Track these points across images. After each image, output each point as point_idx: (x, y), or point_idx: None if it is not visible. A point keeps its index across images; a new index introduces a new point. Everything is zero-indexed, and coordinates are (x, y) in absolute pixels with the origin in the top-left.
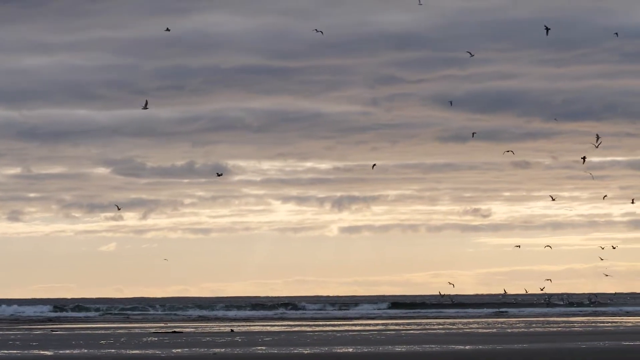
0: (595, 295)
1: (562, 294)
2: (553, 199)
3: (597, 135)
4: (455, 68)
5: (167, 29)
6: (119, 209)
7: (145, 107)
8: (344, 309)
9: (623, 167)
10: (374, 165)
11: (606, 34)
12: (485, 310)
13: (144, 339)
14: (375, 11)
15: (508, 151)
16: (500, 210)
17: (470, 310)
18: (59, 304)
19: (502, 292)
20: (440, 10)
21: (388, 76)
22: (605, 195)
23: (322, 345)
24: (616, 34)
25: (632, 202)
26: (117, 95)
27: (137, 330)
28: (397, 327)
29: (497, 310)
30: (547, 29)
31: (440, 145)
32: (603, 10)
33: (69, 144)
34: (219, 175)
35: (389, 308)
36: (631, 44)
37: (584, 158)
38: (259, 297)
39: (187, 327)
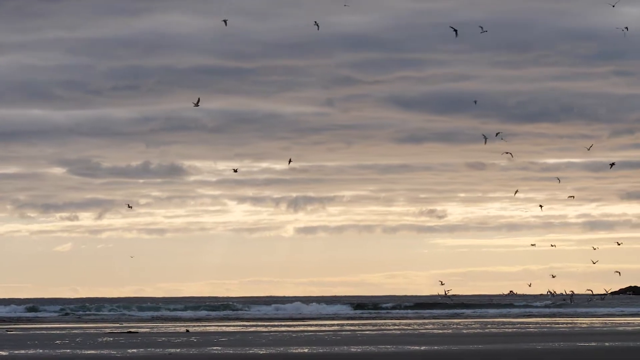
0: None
1: (567, 294)
2: (541, 207)
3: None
4: (411, 69)
5: (225, 21)
6: (130, 207)
7: (196, 104)
8: (299, 310)
9: (579, 169)
10: (290, 161)
11: (561, 36)
12: (442, 311)
13: (99, 339)
14: (331, 12)
15: (507, 152)
16: (455, 212)
17: (425, 311)
18: (14, 304)
19: (508, 291)
20: (396, 11)
21: (344, 77)
22: (572, 196)
23: (278, 345)
24: (626, 28)
25: (541, 208)
26: (73, 96)
27: (92, 331)
28: (352, 328)
29: (452, 311)
30: (455, 30)
31: (396, 146)
32: (558, 12)
33: (24, 143)
34: (235, 171)
35: (353, 309)
36: (586, 47)
37: (612, 164)
38: (214, 297)
39: (142, 327)
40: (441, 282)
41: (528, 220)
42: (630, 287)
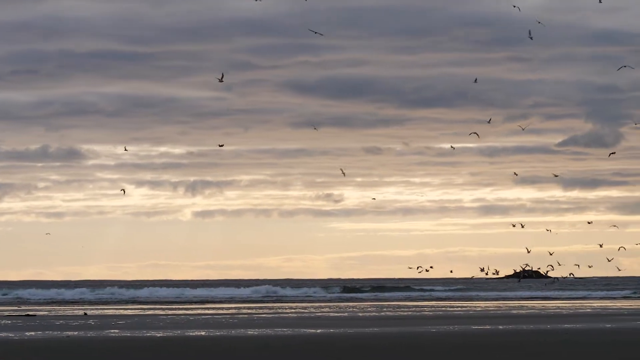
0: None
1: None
2: (374, 199)
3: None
4: (309, 54)
5: None
6: (124, 192)
7: (221, 80)
8: (199, 294)
9: (473, 154)
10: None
11: (457, 22)
12: (340, 295)
13: None
14: None
15: (473, 133)
16: (352, 196)
17: (324, 295)
18: None
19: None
20: None
21: (242, 62)
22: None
23: (175, 328)
24: (539, 22)
25: (374, 200)
26: None
27: None
28: (250, 311)
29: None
30: (317, 32)
31: (293, 131)
32: None
33: None
34: (220, 146)
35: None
36: (481, 32)
37: (613, 152)
38: (113, 280)
39: (40, 310)
40: (409, 266)
41: (424, 204)
42: (523, 270)
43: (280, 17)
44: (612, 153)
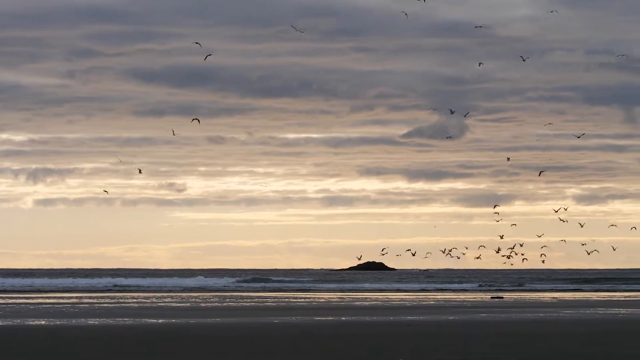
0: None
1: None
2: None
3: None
4: (154, 42)
5: None
6: (140, 172)
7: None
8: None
9: (318, 144)
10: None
11: (303, 11)
12: (186, 286)
13: None
14: None
15: (432, 113)
16: (195, 185)
17: (168, 285)
18: None
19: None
20: None
21: (86, 49)
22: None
23: (15, 317)
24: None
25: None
26: None
27: None
28: (91, 301)
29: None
30: (206, 54)
31: (137, 119)
32: None
33: None
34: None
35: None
36: (326, 23)
37: (579, 136)
38: None
39: None
40: (381, 249)
41: (267, 194)
42: (367, 262)
43: (125, 4)
44: (580, 136)
